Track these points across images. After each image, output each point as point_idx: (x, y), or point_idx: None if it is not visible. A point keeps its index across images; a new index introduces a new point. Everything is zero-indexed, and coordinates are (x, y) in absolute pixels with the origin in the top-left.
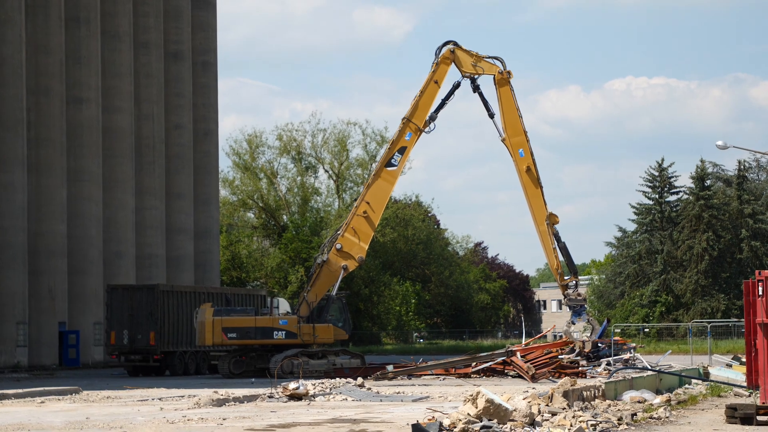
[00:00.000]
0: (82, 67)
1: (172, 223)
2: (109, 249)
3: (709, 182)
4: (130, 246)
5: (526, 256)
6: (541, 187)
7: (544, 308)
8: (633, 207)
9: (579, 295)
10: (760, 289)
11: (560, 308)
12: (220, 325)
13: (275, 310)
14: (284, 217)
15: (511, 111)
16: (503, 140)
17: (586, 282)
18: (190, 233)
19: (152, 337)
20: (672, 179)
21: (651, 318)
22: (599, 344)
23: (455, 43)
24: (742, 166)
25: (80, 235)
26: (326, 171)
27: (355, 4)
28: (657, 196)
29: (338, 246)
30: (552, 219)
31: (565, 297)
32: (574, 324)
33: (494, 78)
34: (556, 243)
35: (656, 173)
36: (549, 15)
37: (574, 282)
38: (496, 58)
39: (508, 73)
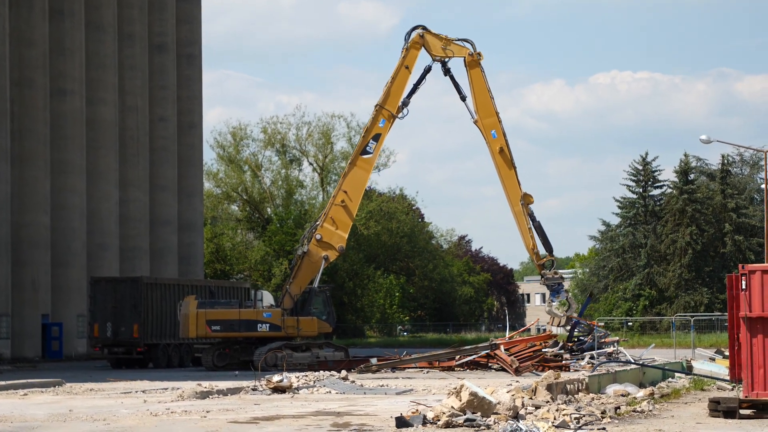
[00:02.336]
0: (66, 59)
1: (155, 216)
2: (93, 241)
3: (692, 176)
4: (114, 238)
5: (510, 249)
6: (515, 168)
7: (528, 302)
8: (617, 201)
9: (556, 273)
10: (743, 283)
11: (543, 302)
12: (204, 318)
13: (259, 302)
14: (268, 209)
15: (483, 92)
16: (475, 122)
17: (570, 276)
18: (174, 226)
19: (136, 330)
20: (656, 173)
21: (634, 312)
22: (579, 323)
23: (424, 28)
24: (725, 161)
25: (63, 227)
26: (311, 164)
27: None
28: (641, 190)
29: (318, 237)
30: (526, 199)
31: (542, 277)
32: (553, 303)
33: (464, 60)
34: (531, 223)
35: (640, 167)
36: (534, 9)
37: (550, 261)
38: (465, 40)
39: (479, 54)
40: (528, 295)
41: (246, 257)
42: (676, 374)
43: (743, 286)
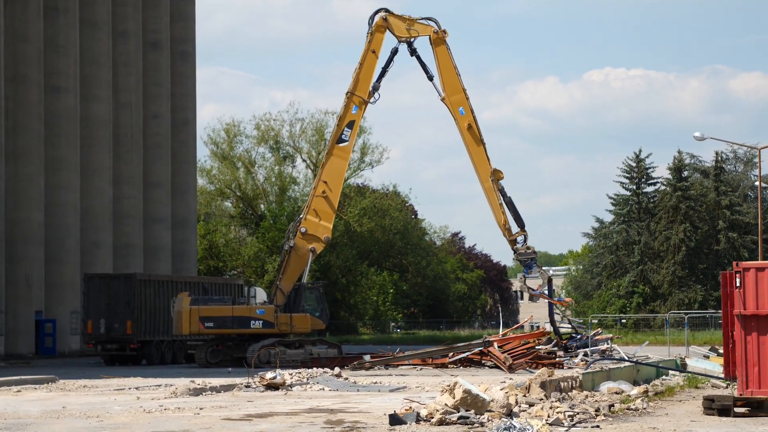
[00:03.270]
0: (60, 56)
1: (149, 213)
2: (86, 238)
3: (686, 173)
4: (108, 235)
5: (503, 246)
6: (484, 144)
7: (521, 299)
8: (610, 198)
9: (528, 248)
10: (738, 280)
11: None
12: (197, 314)
13: (252, 299)
14: (262, 206)
15: (449, 70)
16: (443, 99)
17: (564, 273)
18: (168, 222)
19: (129, 327)
20: (649, 170)
21: (628, 309)
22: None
23: (387, 10)
24: (719, 158)
25: (57, 223)
26: (304, 160)
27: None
28: (634, 187)
29: (303, 230)
30: (496, 175)
31: (514, 252)
32: (526, 277)
33: (430, 38)
34: (501, 199)
35: (634, 164)
36: (527, 6)
37: (522, 237)
38: (429, 18)
39: (444, 32)
40: (521, 292)
41: (239, 254)
42: (671, 372)
43: (737, 284)
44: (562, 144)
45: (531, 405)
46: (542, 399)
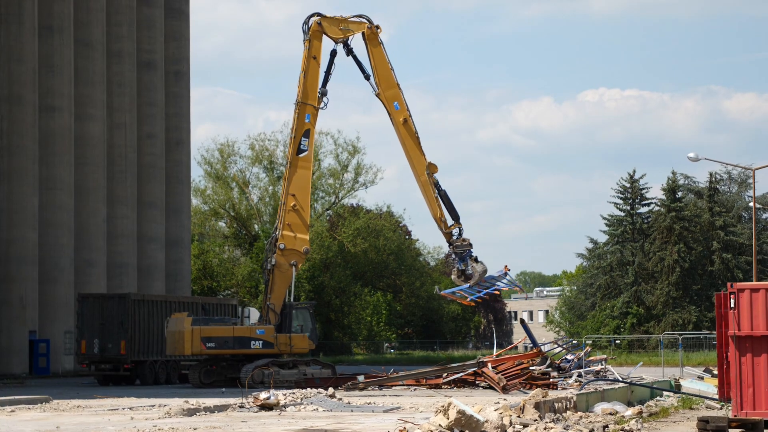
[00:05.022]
0: (54, 76)
1: (143, 232)
2: (80, 257)
3: (680, 194)
4: (101, 255)
5: (497, 267)
6: (418, 138)
7: (515, 319)
8: (604, 218)
9: (464, 241)
10: (732, 301)
11: (531, 319)
12: (198, 335)
13: (246, 319)
14: (256, 226)
15: (383, 65)
16: (377, 95)
17: (557, 293)
18: (162, 242)
19: (123, 347)
20: (643, 191)
21: (622, 330)
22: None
23: (319, 14)
24: (713, 179)
25: (51, 243)
26: None
27: (329, 13)
28: (628, 207)
29: (281, 246)
30: (431, 168)
31: (450, 245)
32: (460, 268)
33: (364, 35)
34: (437, 192)
35: (628, 185)
36: (522, 25)
37: (457, 229)
38: (361, 16)
39: (377, 27)
40: (515, 312)
41: (233, 274)
42: (665, 393)
43: (732, 305)
44: (556, 163)
45: (525, 426)
46: (536, 420)
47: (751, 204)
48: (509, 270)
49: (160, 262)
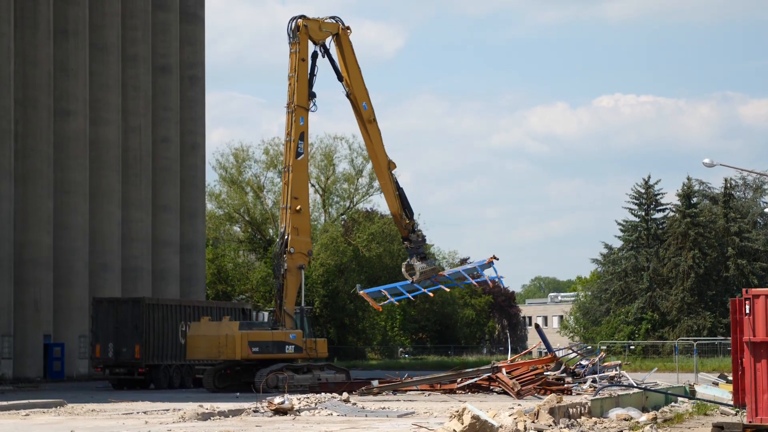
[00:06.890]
0: (69, 79)
1: (157, 236)
2: (95, 261)
3: (695, 200)
4: (116, 258)
5: (512, 272)
6: (381, 138)
7: (530, 324)
8: (619, 224)
9: (419, 236)
10: (747, 307)
11: (546, 324)
12: (246, 339)
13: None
14: (270, 231)
15: (354, 66)
16: (348, 95)
17: (572, 299)
18: (176, 246)
19: (137, 351)
20: (658, 196)
21: (637, 335)
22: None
23: (303, 16)
24: (728, 184)
25: (66, 246)
26: (312, 185)
27: (345, 18)
28: (643, 213)
29: (291, 250)
30: (391, 166)
31: (407, 240)
32: (413, 260)
33: (337, 36)
34: (396, 190)
35: (642, 190)
36: (537, 31)
37: (411, 225)
38: (333, 17)
39: (348, 29)
40: (530, 317)
41: (248, 278)
42: (679, 399)
43: (747, 311)
44: (571, 169)
45: (540, 431)
46: (551, 425)
47: (767, 210)
48: (496, 259)
49: (175, 266)
